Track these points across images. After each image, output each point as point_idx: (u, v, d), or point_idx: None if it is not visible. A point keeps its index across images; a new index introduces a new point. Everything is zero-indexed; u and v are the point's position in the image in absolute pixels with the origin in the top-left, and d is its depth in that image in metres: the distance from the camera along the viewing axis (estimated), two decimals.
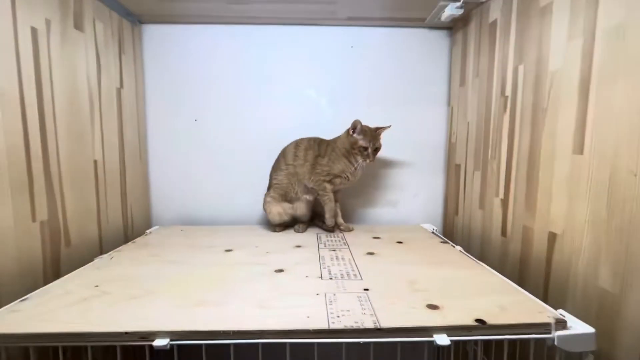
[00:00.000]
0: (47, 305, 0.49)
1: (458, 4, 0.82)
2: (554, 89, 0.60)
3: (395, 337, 0.44)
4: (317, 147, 0.91)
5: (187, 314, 0.47)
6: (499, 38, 0.77)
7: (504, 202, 0.75)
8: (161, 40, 1.01)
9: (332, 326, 0.44)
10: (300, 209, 0.93)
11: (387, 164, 1.08)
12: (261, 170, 1.01)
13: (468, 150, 0.92)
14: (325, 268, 0.65)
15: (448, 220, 1.06)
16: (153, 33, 1.01)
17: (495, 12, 0.79)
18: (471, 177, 0.90)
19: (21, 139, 0.59)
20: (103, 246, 0.82)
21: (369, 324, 0.44)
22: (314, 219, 0.99)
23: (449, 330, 0.44)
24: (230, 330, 0.43)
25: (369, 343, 0.44)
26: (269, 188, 0.95)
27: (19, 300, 0.50)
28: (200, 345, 0.43)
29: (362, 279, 0.60)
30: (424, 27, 1.02)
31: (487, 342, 0.57)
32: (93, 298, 0.51)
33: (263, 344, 0.43)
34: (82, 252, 0.75)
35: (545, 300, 0.59)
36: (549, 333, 0.45)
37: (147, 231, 0.95)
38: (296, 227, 0.94)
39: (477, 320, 0.45)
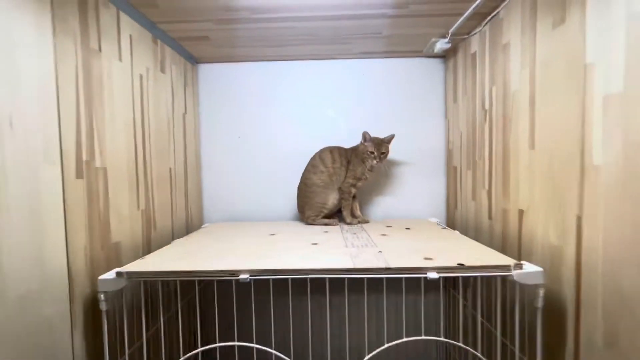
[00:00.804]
0: (161, 260, 0.72)
1: (446, 40, 1.05)
2: (515, 104, 0.81)
3: (400, 274, 0.64)
4: (345, 154, 1.14)
5: (256, 262, 0.68)
6: (478, 65, 0.99)
7: (489, 192, 0.95)
8: (212, 76, 1.29)
9: (356, 266, 0.65)
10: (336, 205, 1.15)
11: (398, 168, 1.29)
12: (291, 176, 1.24)
13: (462, 154, 1.13)
14: (349, 242, 0.86)
15: (450, 214, 1.25)
16: (206, 70, 1.29)
17: (474, 46, 1.01)
18: (465, 176, 1.10)
19: (133, 152, 0.85)
20: (174, 234, 1.06)
21: (381, 264, 0.65)
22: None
23: (438, 269, 0.64)
24: (289, 269, 0.64)
25: (382, 279, 0.64)
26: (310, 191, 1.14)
27: (139, 259, 0.74)
28: (269, 279, 0.65)
29: (377, 246, 0.80)
30: (422, 56, 1.26)
31: (466, 282, 0.75)
32: (189, 257, 0.74)
33: (310, 278, 0.64)
34: (163, 236, 0.99)
35: (519, 259, 0.78)
36: (509, 271, 0.64)
37: (203, 226, 1.19)
38: (332, 220, 1.14)
39: (458, 264, 0.65)
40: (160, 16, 0.89)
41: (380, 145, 1.09)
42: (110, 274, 0.65)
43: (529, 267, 0.65)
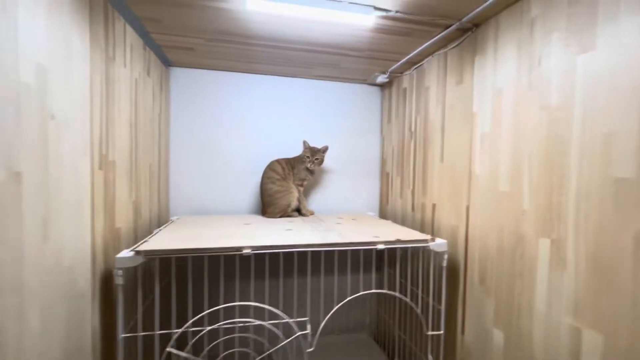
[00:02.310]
0: (168, 242, 0.85)
1: (385, 75, 1.39)
2: (432, 129, 1.16)
3: (360, 247, 0.92)
4: (290, 162, 1.39)
5: (252, 241, 0.88)
6: (407, 98, 1.34)
7: (412, 191, 1.30)
8: (183, 79, 1.39)
9: (323, 242, 0.89)
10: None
11: (342, 172, 1.58)
12: (251, 175, 1.43)
13: (393, 163, 1.47)
14: (314, 228, 1.10)
15: (382, 209, 1.59)
16: (177, 73, 1.38)
17: (405, 83, 1.37)
18: (395, 179, 1.45)
19: (130, 148, 0.94)
20: (151, 224, 1.15)
21: (347, 240, 0.91)
22: None
23: (384, 242, 0.93)
24: (283, 244, 0.85)
25: (344, 250, 0.90)
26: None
27: (142, 241, 0.85)
28: (265, 254, 0.84)
29: (336, 231, 1.06)
30: (366, 84, 1.58)
31: (402, 249, 1.06)
32: (189, 239, 0.89)
33: (297, 252, 0.87)
34: (144, 226, 1.08)
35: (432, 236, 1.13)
36: (427, 243, 0.97)
37: (172, 218, 1.29)
38: (294, 213, 1.36)
39: (397, 239, 0.95)
40: (159, 29, 1.01)
41: (315, 152, 1.37)
42: (127, 252, 0.77)
43: (439, 240, 0.98)
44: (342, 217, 1.39)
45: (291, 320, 0.86)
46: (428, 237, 0.99)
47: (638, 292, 0.54)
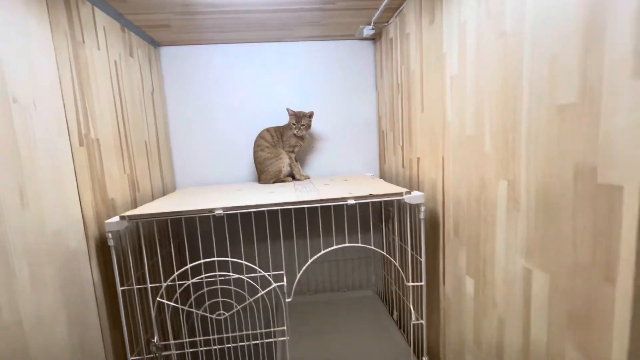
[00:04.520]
0: (151, 208, 0.94)
1: (370, 27, 1.31)
2: (413, 79, 1.10)
3: (329, 203, 0.93)
4: (280, 130, 1.40)
5: (229, 202, 0.93)
6: (394, 49, 1.27)
7: (402, 148, 1.26)
8: (173, 57, 1.44)
9: (300, 199, 0.92)
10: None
11: (338, 134, 1.57)
12: (250, 145, 1.47)
13: (387, 120, 1.42)
14: (297, 190, 1.13)
15: (382, 168, 1.57)
16: (168, 52, 1.44)
17: (391, 32, 1.28)
18: (389, 137, 1.41)
19: (116, 126, 1.03)
20: (154, 196, 1.27)
21: (316, 197, 0.93)
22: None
23: (355, 197, 0.94)
24: (251, 204, 0.90)
25: (317, 207, 0.92)
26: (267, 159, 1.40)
27: (132, 210, 0.95)
28: (237, 214, 0.90)
29: (318, 191, 1.08)
30: (356, 39, 1.51)
31: (374, 204, 1.06)
32: (174, 205, 0.97)
33: (268, 211, 0.91)
34: (145, 197, 1.19)
35: (417, 189, 1.10)
36: (402, 196, 0.95)
37: (177, 190, 1.40)
38: (287, 179, 1.41)
39: (369, 194, 0.95)
40: (128, 9, 1.05)
41: (301, 118, 1.36)
42: (115, 218, 0.87)
43: (415, 193, 0.96)
44: (334, 178, 1.40)
45: (267, 273, 0.92)
46: (403, 190, 0.97)
47: (577, 231, 0.50)
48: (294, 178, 1.42)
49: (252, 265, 0.92)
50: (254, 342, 1.00)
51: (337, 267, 1.62)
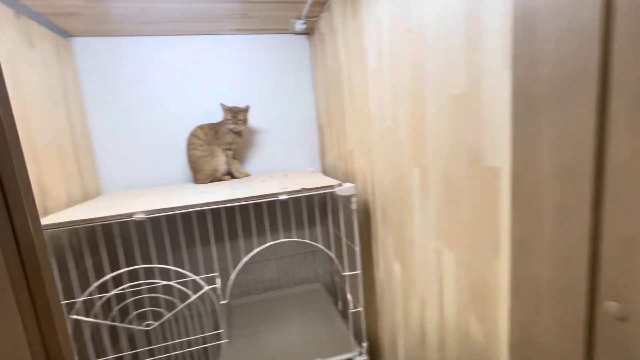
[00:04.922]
0: (62, 216, 0.85)
1: (301, 21, 1.30)
2: (342, 73, 1.12)
3: (261, 200, 0.92)
4: (214, 127, 1.35)
5: (152, 205, 0.87)
6: (325, 43, 1.28)
7: (338, 142, 1.28)
8: (89, 50, 1.31)
9: (229, 197, 0.89)
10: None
11: (281, 130, 1.55)
12: (180, 142, 1.40)
13: (325, 115, 1.44)
14: (233, 188, 1.10)
15: (322, 163, 1.58)
16: (82, 44, 1.30)
17: (322, 27, 1.29)
18: (328, 132, 1.43)
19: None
20: (71, 203, 1.15)
21: (248, 195, 0.91)
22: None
23: (287, 192, 0.93)
24: (176, 206, 0.85)
25: (248, 205, 0.90)
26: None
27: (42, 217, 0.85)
28: (159, 217, 0.85)
29: (254, 188, 1.06)
30: (290, 34, 1.49)
31: (320, 198, 1.08)
32: (89, 211, 0.88)
33: (197, 211, 0.87)
34: (57, 206, 1.07)
35: (352, 182, 1.13)
36: (333, 189, 0.97)
37: (100, 196, 1.28)
38: (225, 177, 1.36)
39: (302, 188, 0.95)
40: None
41: (237, 112, 1.33)
42: None
43: (346, 185, 0.98)
44: (275, 175, 1.38)
45: (199, 277, 0.88)
46: (335, 182, 0.98)
47: (473, 211, 0.55)
48: (233, 176, 1.38)
49: (182, 271, 0.87)
50: (188, 349, 0.96)
51: (284, 263, 1.61)
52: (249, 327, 1.27)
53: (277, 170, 1.57)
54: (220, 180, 1.34)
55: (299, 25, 1.32)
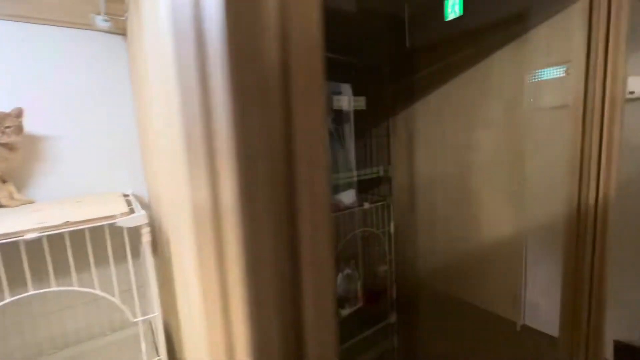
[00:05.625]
0: None
1: (102, 17, 1.10)
2: (143, 85, 0.97)
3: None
4: None
5: None
6: (134, 46, 1.10)
7: (148, 159, 1.10)
8: None
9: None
10: None
11: (90, 147, 1.27)
12: None
13: (141, 129, 1.24)
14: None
15: (149, 184, 1.37)
16: None
17: (130, 28, 1.12)
18: (146, 148, 1.23)
19: None
20: None
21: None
22: None
23: (40, 229, 0.71)
24: None
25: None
26: None
27: None
28: None
29: (9, 222, 0.79)
30: (98, 31, 1.25)
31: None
32: None
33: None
34: None
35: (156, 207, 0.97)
36: (115, 220, 0.80)
37: None
38: None
39: (65, 222, 0.75)
40: None
41: (3, 119, 1.03)
42: None
43: (134, 214, 0.82)
44: (69, 200, 1.11)
45: None
46: (117, 211, 0.81)
47: None
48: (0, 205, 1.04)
49: None
50: None
51: (97, 307, 1.30)
52: None
53: (86, 194, 1.28)
54: None
55: (100, 22, 1.12)
